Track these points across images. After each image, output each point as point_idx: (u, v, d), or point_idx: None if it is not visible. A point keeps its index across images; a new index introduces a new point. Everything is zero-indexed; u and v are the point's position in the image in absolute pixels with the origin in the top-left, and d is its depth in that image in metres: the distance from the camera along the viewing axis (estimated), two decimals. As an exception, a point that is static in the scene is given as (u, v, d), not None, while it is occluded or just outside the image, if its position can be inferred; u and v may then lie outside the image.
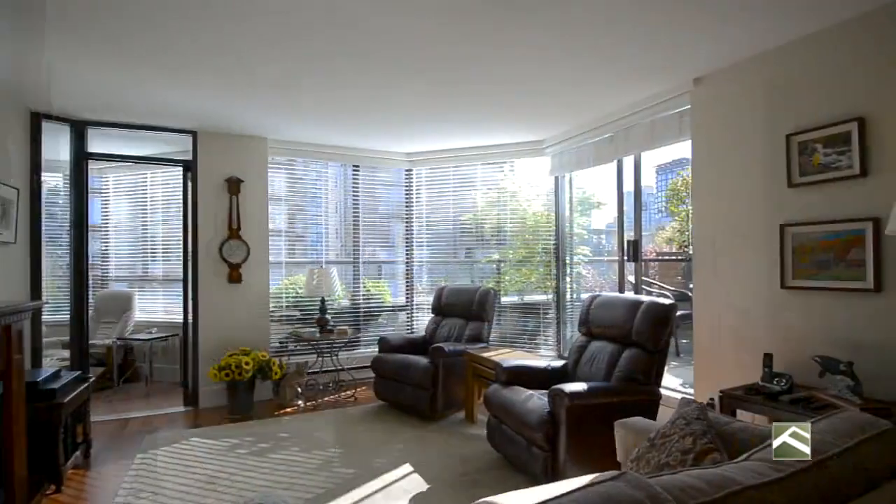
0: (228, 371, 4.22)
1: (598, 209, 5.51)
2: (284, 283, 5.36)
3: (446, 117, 4.26)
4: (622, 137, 3.98)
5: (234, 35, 2.67)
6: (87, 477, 3.16)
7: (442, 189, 5.82)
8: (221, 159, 4.67)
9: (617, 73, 3.23)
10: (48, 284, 4.03)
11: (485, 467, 3.10)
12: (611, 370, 3.02)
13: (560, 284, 5.01)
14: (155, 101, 3.79)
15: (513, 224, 5.44)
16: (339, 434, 3.80)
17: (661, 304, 2.96)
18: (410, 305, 5.89)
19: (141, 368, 5.55)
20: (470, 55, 2.96)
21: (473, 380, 3.95)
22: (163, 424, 4.15)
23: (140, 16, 2.46)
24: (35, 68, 3.10)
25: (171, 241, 5.70)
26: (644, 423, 2.03)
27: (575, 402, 2.59)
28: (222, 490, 2.89)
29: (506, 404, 2.97)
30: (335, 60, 3.03)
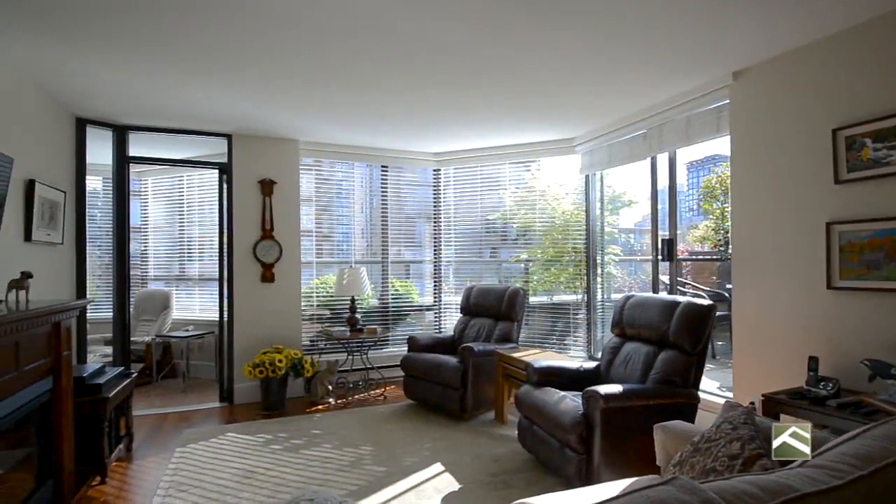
0: (262, 368, 4.31)
1: (629, 208, 5.42)
2: (315, 283, 5.44)
3: (475, 117, 4.25)
4: (656, 134, 3.90)
5: (269, 41, 2.73)
6: (129, 469, 3.27)
7: (469, 188, 5.81)
8: (255, 161, 4.78)
9: (652, 68, 3.16)
10: (89, 283, 4.19)
11: (516, 468, 3.08)
12: (646, 372, 2.96)
13: (591, 284, 4.94)
14: (193, 106, 3.90)
15: (542, 223, 5.39)
16: (370, 432, 3.83)
17: (700, 304, 2.88)
18: (438, 305, 5.90)
19: (178, 365, 5.73)
20: (500, 56, 2.94)
21: (503, 380, 3.93)
22: (200, 419, 4.27)
23: (180, 24, 2.53)
24: (81, 75, 3.23)
25: (207, 242, 5.86)
26: (685, 427, 1.98)
27: (610, 404, 2.55)
28: (258, 484, 2.95)
29: (538, 405, 2.94)
30: (366, 64, 3.06)
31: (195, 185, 5.89)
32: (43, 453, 2.61)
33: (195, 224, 5.95)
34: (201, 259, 5.98)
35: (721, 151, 5.34)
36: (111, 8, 2.37)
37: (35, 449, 2.57)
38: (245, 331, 4.71)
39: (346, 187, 5.73)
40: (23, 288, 2.54)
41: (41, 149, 3.41)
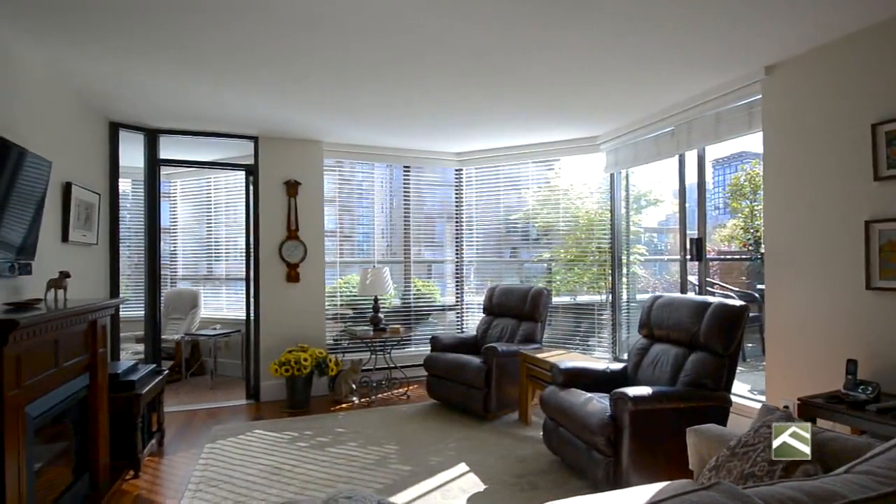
0: (288, 367, 4.37)
1: (655, 206, 5.33)
2: (339, 283, 5.49)
3: (498, 117, 4.23)
4: (684, 131, 3.82)
5: (294, 43, 2.76)
6: (161, 464, 3.35)
7: (491, 188, 5.79)
8: (280, 163, 4.85)
9: (680, 64, 3.10)
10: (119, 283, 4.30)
11: (542, 469, 3.06)
12: (676, 374, 2.90)
13: (615, 284, 4.87)
14: (221, 109, 3.98)
15: (565, 223, 5.33)
16: (394, 431, 3.85)
17: (732, 305, 2.81)
18: (460, 305, 5.89)
19: (206, 363, 5.85)
20: (524, 54, 2.92)
21: (527, 381, 3.90)
22: (227, 416, 4.35)
23: (207, 29, 2.58)
24: (114, 80, 3.33)
25: (234, 242, 5.98)
26: (719, 431, 1.93)
27: (639, 406, 2.50)
28: (286, 481, 2.99)
29: (564, 406, 2.91)
30: (388, 65, 3.07)
31: (222, 187, 6.01)
32: (80, 448, 2.70)
33: (222, 225, 6.07)
34: (228, 259, 6.10)
35: (748, 148, 5.22)
36: (143, 14, 2.43)
37: (72, 443, 2.66)
38: (271, 329, 4.79)
39: (368, 187, 5.77)
40: (61, 287, 2.63)
41: (77, 152, 3.52)
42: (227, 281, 6.14)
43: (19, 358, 1.94)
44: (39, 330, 2.06)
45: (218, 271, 6.17)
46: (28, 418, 2.04)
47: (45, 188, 2.74)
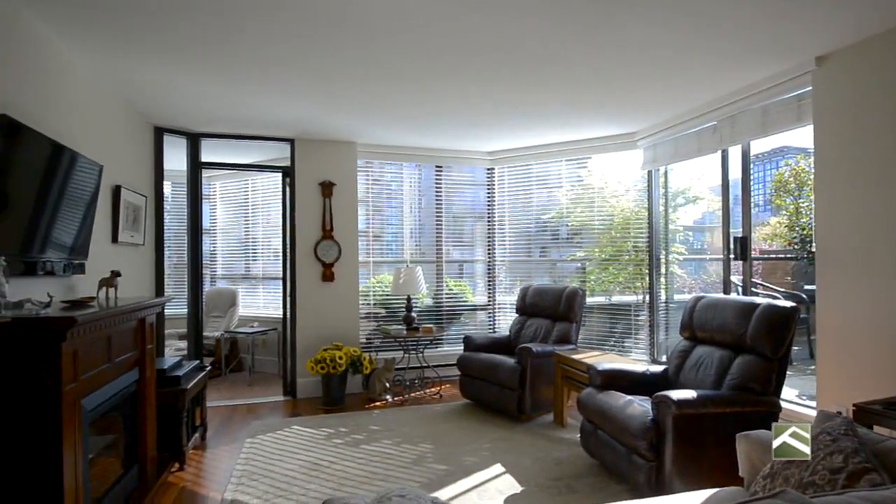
0: (324, 364, 4.44)
1: (694, 204, 5.17)
2: (372, 282, 5.55)
3: (532, 114, 4.18)
4: (728, 125, 3.68)
5: (329, 46, 2.79)
6: (204, 457, 3.46)
7: (524, 187, 5.73)
8: (316, 164, 4.93)
9: (723, 56, 2.99)
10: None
11: (580, 473, 3.00)
12: (721, 378, 2.80)
13: (653, 285, 4.74)
14: (259, 113, 4.07)
15: (599, 221, 5.23)
16: (428, 430, 3.85)
17: (782, 306, 2.69)
18: (492, 304, 5.86)
19: (244, 359, 6.01)
20: (560, 50, 2.87)
21: (562, 382, 3.84)
22: (266, 412, 4.46)
23: (246, 35, 2.64)
24: (160, 87, 3.45)
25: (270, 242, 6.12)
26: (771, 437, 1.85)
27: (683, 410, 2.42)
28: (324, 477, 3.04)
29: (603, 409, 2.85)
30: (424, 64, 3.07)
31: (259, 188, 6.16)
32: (129, 440, 2.80)
33: (259, 225, 6.23)
34: (265, 259, 6.25)
35: (791, 143, 5.00)
36: (187, 22, 2.51)
37: (121, 436, 2.76)
38: (306, 328, 4.87)
39: (396, 188, 5.80)
40: (112, 286, 2.74)
41: (125, 156, 3.67)
42: (263, 280, 6.29)
43: (76, 353, 2.03)
44: (94, 327, 2.15)
45: (255, 271, 6.33)
46: (84, 411, 2.13)
47: (97, 190, 2.86)
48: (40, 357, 1.89)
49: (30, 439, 1.88)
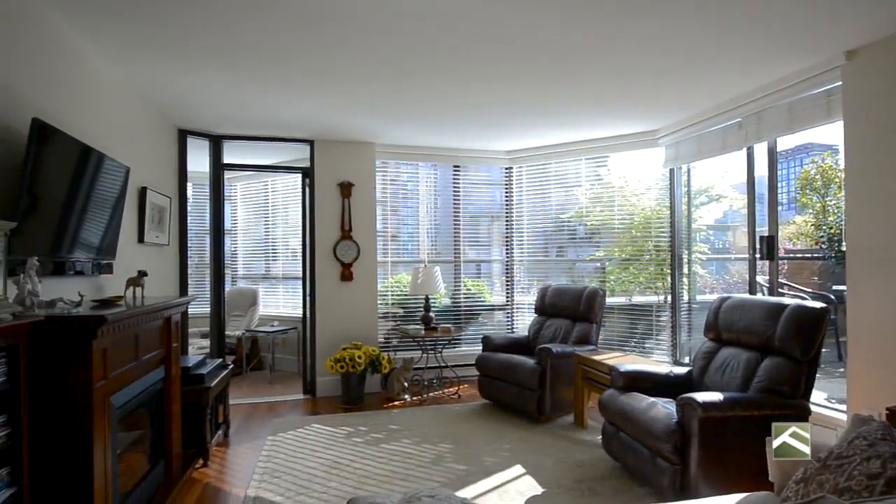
0: (343, 363, 4.48)
1: (717, 202, 5.08)
2: (390, 282, 5.57)
3: (550, 112, 4.14)
4: (753, 122, 3.61)
5: (348, 47, 2.81)
6: (227, 454, 3.51)
7: (542, 186, 5.69)
8: (335, 165, 4.97)
9: (749, 51, 2.92)
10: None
11: (602, 475, 2.97)
12: (747, 380, 2.74)
13: (675, 285, 4.67)
14: (280, 115, 4.12)
15: (620, 220, 5.17)
16: (447, 430, 3.85)
17: (812, 307, 2.62)
18: (510, 305, 5.84)
19: (264, 358, 6.09)
20: (580, 47, 2.83)
21: (583, 383, 3.81)
22: (286, 410, 4.51)
23: (270, 39, 2.67)
24: (184, 89, 3.51)
25: (290, 242, 6.18)
26: (802, 441, 1.80)
27: (709, 413, 2.38)
28: (345, 475, 3.06)
29: (625, 411, 2.81)
30: (442, 63, 3.05)
31: (279, 189, 6.23)
32: (155, 437, 2.86)
33: (279, 226, 6.30)
34: (285, 259, 6.32)
35: (815, 140, 4.87)
36: (212, 26, 2.55)
37: (148, 432, 2.82)
38: (326, 327, 4.91)
39: (412, 188, 5.81)
40: (139, 285, 2.80)
41: (151, 158, 3.74)
42: (283, 280, 6.36)
43: (105, 351, 2.08)
44: (123, 326, 2.20)
45: (275, 271, 6.41)
46: (112, 408, 2.18)
47: (124, 192, 2.92)
48: (72, 355, 1.94)
49: (61, 435, 1.93)
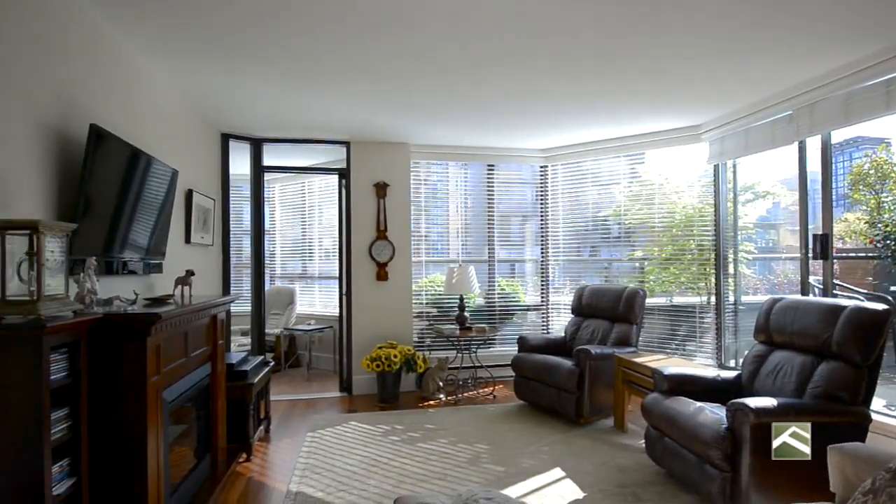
0: (379, 362, 4.51)
1: (764, 199, 4.87)
2: (424, 282, 5.58)
3: (588, 108, 4.05)
4: (806, 115, 3.44)
5: (389, 50, 2.83)
6: (268, 449, 3.59)
7: (578, 185, 5.59)
8: (370, 166, 5.02)
9: (803, 41, 2.78)
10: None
11: (645, 481, 2.89)
12: (802, 385, 2.61)
13: (720, 285, 4.50)
14: (317, 117, 4.19)
15: (661, 219, 5.02)
16: (483, 430, 3.83)
17: (872, 309, 2.48)
18: (546, 305, 5.76)
19: (301, 356, 6.21)
20: (622, 41, 2.76)
21: (623, 386, 3.72)
22: (324, 407, 4.58)
23: (308, 44, 2.72)
24: (228, 95, 3.61)
25: (326, 243, 6.28)
26: (868, 450, 1.70)
27: (762, 419, 2.28)
28: (383, 473, 3.08)
29: (670, 416, 2.73)
30: (478, 60, 3.03)
31: (315, 190, 6.35)
32: (202, 431, 2.95)
33: (315, 226, 6.41)
34: (321, 258, 6.43)
35: (866, 133, 4.60)
36: (255, 32, 2.61)
37: (195, 427, 2.91)
38: (361, 326, 4.97)
39: (449, 188, 5.80)
40: (187, 284, 2.89)
41: (196, 162, 3.87)
42: (319, 279, 6.47)
43: (158, 348, 2.15)
44: (174, 323, 2.27)
45: (311, 270, 6.53)
46: (165, 402, 2.26)
47: (173, 194, 3.03)
48: (127, 351, 2.02)
49: (117, 428, 2.01)
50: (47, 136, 2.05)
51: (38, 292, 1.65)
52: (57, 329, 1.66)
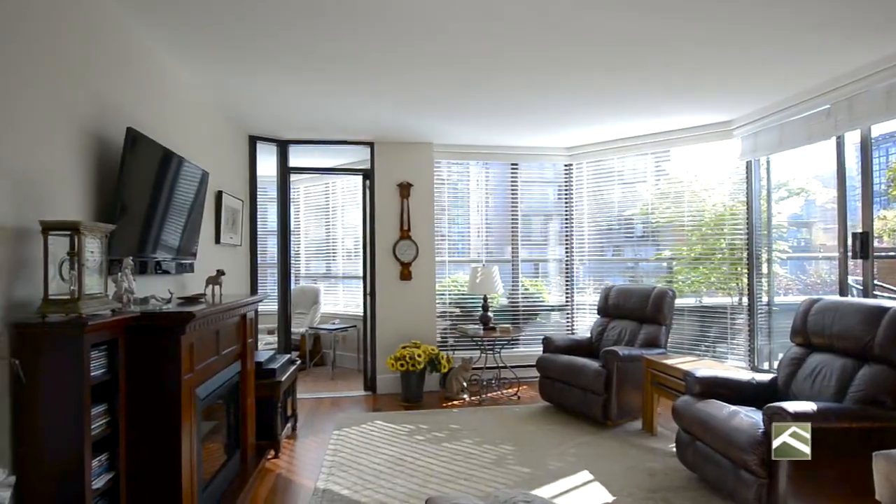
0: (403, 362, 4.53)
1: (798, 196, 4.72)
2: (447, 281, 5.58)
3: (614, 104, 3.97)
4: (844, 109, 3.31)
5: (415, 51, 2.83)
6: (295, 446, 3.64)
7: (604, 183, 5.51)
8: (394, 166, 5.04)
9: (841, 31, 2.67)
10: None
11: (677, 486, 2.82)
12: (842, 389, 2.51)
13: (753, 285, 4.37)
14: (343, 118, 4.23)
15: (690, 217, 4.91)
16: (508, 431, 3.80)
17: (920, 311, 2.37)
18: (570, 305, 5.69)
19: (326, 354, 6.28)
20: (651, 34, 2.70)
21: (652, 388, 3.64)
22: (349, 405, 4.62)
23: (334, 47, 2.74)
24: (255, 97, 3.67)
25: (349, 242, 6.34)
26: (918, 460, 1.63)
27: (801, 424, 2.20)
28: (409, 472, 3.08)
29: (703, 419, 2.66)
30: (502, 56, 2.99)
31: (338, 191, 6.41)
32: (232, 428, 3.00)
33: (339, 226, 6.48)
34: (344, 258, 6.49)
35: (898, 129, 4.40)
36: (283, 34, 2.64)
37: (225, 424, 2.96)
38: (385, 325, 4.99)
39: (471, 187, 5.77)
40: (218, 283, 2.94)
41: (226, 164, 3.94)
42: (343, 279, 6.54)
43: (192, 346, 2.20)
44: (206, 322, 2.32)
45: (335, 270, 6.60)
46: (198, 399, 2.31)
47: (203, 195, 3.09)
48: (163, 349, 2.07)
49: (152, 424, 2.06)
50: (85, 140, 2.11)
51: (78, 291, 1.70)
52: (97, 327, 1.71)
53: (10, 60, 1.70)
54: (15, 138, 1.73)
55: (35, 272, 1.73)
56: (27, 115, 1.79)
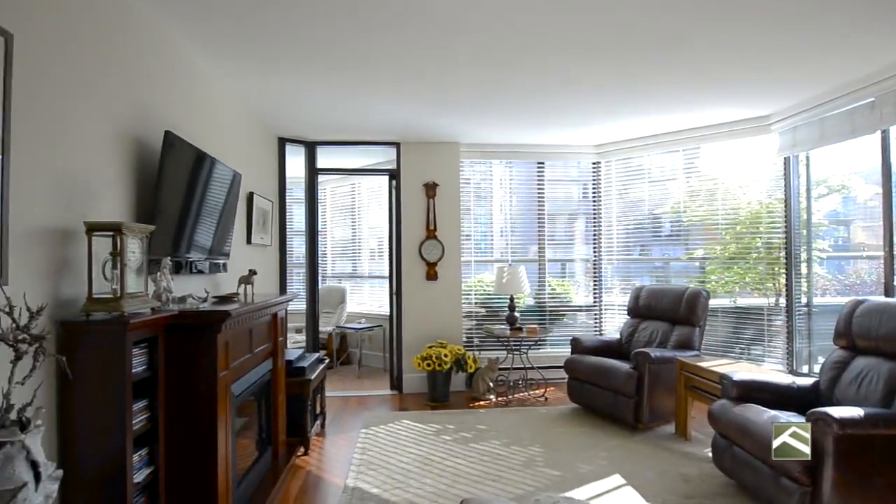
0: (430, 361, 4.53)
1: (840, 193, 4.52)
2: (473, 281, 5.56)
3: (644, 100, 3.88)
4: (890, 102, 3.16)
5: (442, 50, 2.83)
6: (324, 444, 3.68)
7: (634, 181, 5.40)
8: (420, 166, 5.05)
9: (885, 25, 2.55)
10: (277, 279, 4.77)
11: (714, 492, 2.74)
12: (890, 394, 2.39)
13: (791, 286, 4.22)
14: (368, 120, 4.27)
15: (724, 216, 4.77)
16: (537, 433, 3.77)
17: (977, 313, 2.25)
18: (599, 305, 5.60)
19: (352, 353, 6.33)
20: (685, 26, 2.62)
21: (686, 391, 3.55)
22: (375, 404, 4.65)
23: (360, 47, 2.76)
24: (285, 100, 3.73)
25: (375, 242, 6.39)
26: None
27: (847, 430, 2.10)
28: (437, 472, 3.08)
29: (741, 424, 2.57)
30: (530, 53, 2.96)
31: (364, 191, 6.46)
32: (264, 425, 3.05)
33: (365, 226, 6.53)
34: (370, 258, 6.55)
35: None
36: (313, 36, 2.67)
37: (257, 421, 3.01)
38: (411, 325, 5.01)
39: (494, 186, 5.74)
40: (250, 283, 3.00)
41: (256, 165, 4.02)
42: (369, 279, 6.59)
43: (227, 344, 2.24)
44: (241, 320, 2.37)
45: (361, 270, 6.66)
46: (232, 396, 2.35)
47: (236, 196, 3.15)
48: (200, 346, 2.11)
49: (190, 419, 2.11)
50: (126, 143, 2.18)
51: (121, 290, 1.75)
52: (139, 325, 1.75)
53: (64, 72, 1.77)
54: (66, 145, 1.79)
55: (79, 272, 1.79)
56: (78, 123, 1.86)
